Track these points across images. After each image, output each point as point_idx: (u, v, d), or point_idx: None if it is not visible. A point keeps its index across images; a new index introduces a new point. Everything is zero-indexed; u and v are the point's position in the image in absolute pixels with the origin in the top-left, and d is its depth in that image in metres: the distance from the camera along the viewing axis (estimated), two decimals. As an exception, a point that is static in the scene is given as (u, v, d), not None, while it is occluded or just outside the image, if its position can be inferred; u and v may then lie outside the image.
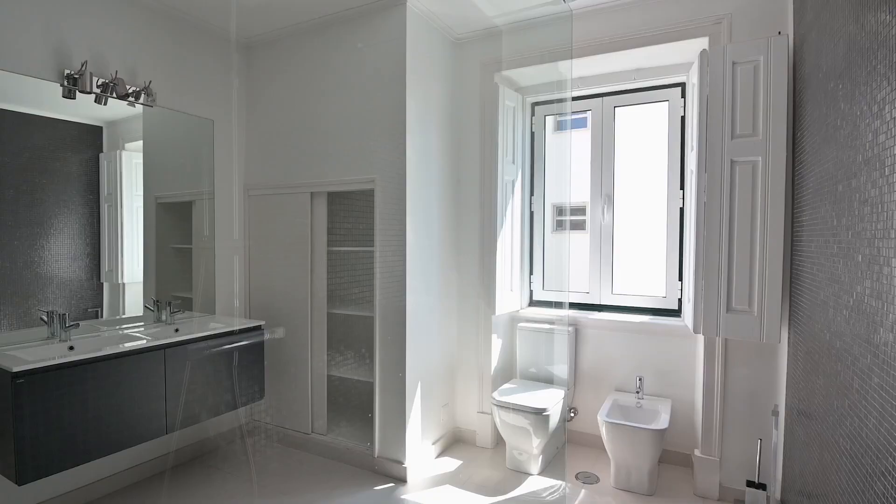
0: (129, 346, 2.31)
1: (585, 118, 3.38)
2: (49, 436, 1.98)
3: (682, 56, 2.87)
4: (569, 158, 3.44)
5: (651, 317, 3.08)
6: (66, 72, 2.43)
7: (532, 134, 3.48)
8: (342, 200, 3.47)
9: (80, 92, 2.47)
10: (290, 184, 3.19)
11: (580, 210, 3.47)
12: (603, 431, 2.64)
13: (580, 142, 3.42)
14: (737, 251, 2.39)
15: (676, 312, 3.07)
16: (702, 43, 2.66)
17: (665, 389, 2.99)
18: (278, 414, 3.29)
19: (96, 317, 2.61)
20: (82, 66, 2.45)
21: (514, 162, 3.27)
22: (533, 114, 3.47)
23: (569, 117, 3.36)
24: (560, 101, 3.28)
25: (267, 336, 3.05)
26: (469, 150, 3.28)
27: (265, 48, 3.29)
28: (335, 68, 3.00)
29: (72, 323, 2.39)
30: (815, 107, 1.95)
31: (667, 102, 3.10)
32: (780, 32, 2.38)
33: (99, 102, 2.57)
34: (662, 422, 2.60)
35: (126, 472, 2.73)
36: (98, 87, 2.53)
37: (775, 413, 2.31)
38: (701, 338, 2.68)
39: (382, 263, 2.88)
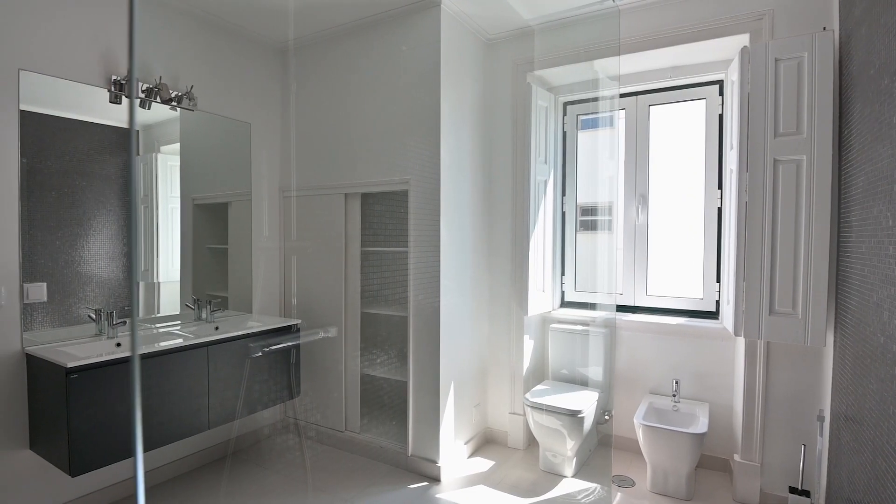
0: (174, 343, 2.37)
1: (611, 116, 3.34)
2: (99, 429, 2.05)
3: (720, 53, 2.82)
4: (601, 158, 3.40)
5: (687, 319, 3.03)
6: (114, 77, 2.52)
7: (564, 134, 3.45)
8: (376, 201, 3.50)
9: (125, 97, 2.55)
10: (324, 185, 3.24)
11: (608, 210, 3.42)
12: (639, 434, 2.61)
13: (606, 141, 3.38)
14: (780, 252, 2.33)
15: (714, 315, 3.01)
16: (742, 40, 2.61)
17: (702, 393, 2.94)
18: (313, 411, 3.34)
19: (130, 315, 2.68)
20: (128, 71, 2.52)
21: (546, 162, 3.26)
22: (565, 113, 3.45)
23: (609, 114, 3.30)
24: (595, 99, 3.25)
25: (321, 335, 3.11)
26: (501, 151, 3.29)
27: (300, 52, 3.35)
28: (369, 71, 3.04)
29: (119, 320, 2.47)
30: (865, 104, 1.90)
31: (704, 100, 3.04)
32: (824, 28, 2.32)
33: (143, 107, 2.66)
34: (701, 425, 2.56)
35: (167, 467, 2.80)
36: (142, 91, 2.61)
37: (820, 418, 2.25)
38: (741, 341, 2.63)
39: (416, 264, 2.90)
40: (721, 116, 2.99)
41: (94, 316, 2.46)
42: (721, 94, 2.99)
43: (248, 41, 3.22)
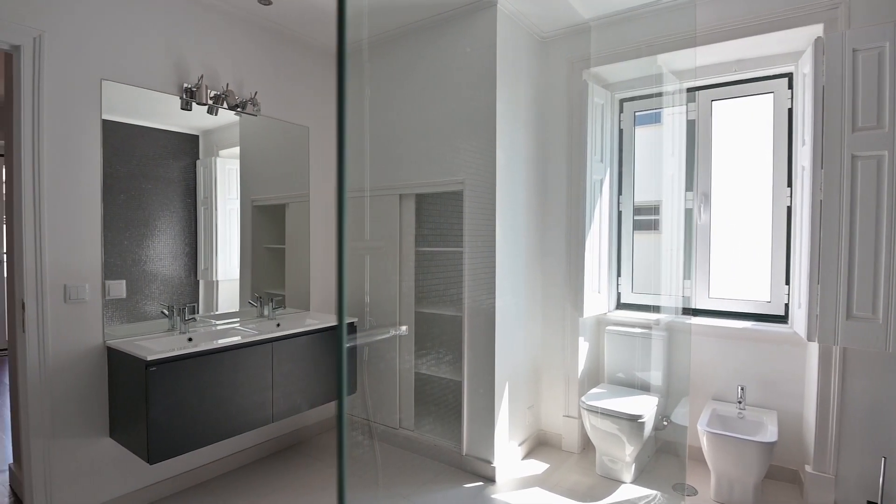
0: (242, 339, 2.46)
1: (672, 113, 3.23)
2: (175, 419, 2.16)
3: (790, 45, 2.69)
4: (659, 156, 3.31)
5: (753, 323, 2.90)
6: (185, 85, 2.64)
7: (620, 131, 3.38)
8: (430, 202, 3.53)
9: (196, 104, 2.68)
10: (379, 186, 3.29)
11: (666, 209, 3.32)
12: (703, 442, 2.52)
13: (666, 138, 3.28)
14: (858, 253, 2.21)
15: (783, 318, 2.87)
16: (815, 30, 2.49)
17: (769, 400, 2.81)
18: (367, 408, 3.41)
19: (194, 312, 2.79)
20: (199, 79, 2.65)
21: (601, 160, 3.20)
22: (621, 110, 3.37)
23: (670, 110, 3.20)
24: (655, 95, 3.16)
25: (392, 333, 3.17)
26: (555, 149, 3.25)
27: (354, 55, 3.42)
28: (424, 72, 3.07)
29: (190, 317, 2.59)
30: (960, 94, 1.77)
31: (771, 95, 2.91)
32: (909, 15, 2.18)
33: (211, 113, 2.78)
34: (770, 434, 2.45)
35: (232, 457, 2.92)
36: (210, 98, 2.73)
37: (905, 430, 2.11)
38: (814, 346, 2.50)
39: (471, 264, 2.90)
40: (791, 111, 2.85)
41: (166, 312, 2.59)
42: (791, 87, 2.85)
43: (307, 47, 3.31)
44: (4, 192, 2.57)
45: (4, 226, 2.75)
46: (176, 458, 2.52)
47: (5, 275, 5.49)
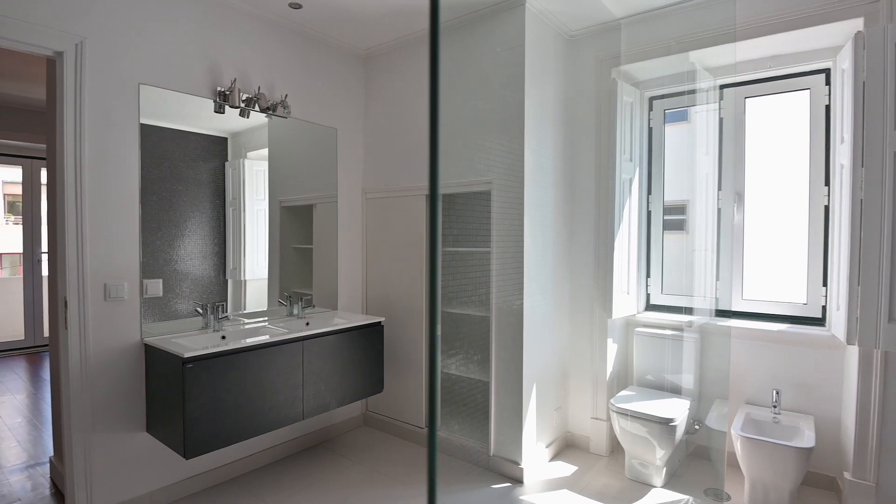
0: (272, 337, 2.50)
1: (705, 110, 3.17)
2: (210, 415, 2.21)
3: (828, 40, 2.62)
4: (690, 155, 3.25)
5: (789, 325, 2.83)
6: (218, 88, 2.70)
7: (650, 130, 3.33)
8: (457, 202, 3.53)
9: (229, 107, 2.73)
10: (405, 186, 3.31)
11: (697, 208, 3.26)
12: (737, 447, 2.47)
13: (698, 136, 3.21)
14: (902, 254, 2.13)
15: (820, 321, 2.79)
16: (855, 24, 2.41)
17: (805, 404, 2.74)
18: (394, 407, 3.43)
19: (223, 310, 2.84)
20: (232, 82, 2.70)
21: (631, 160, 3.16)
22: (651, 109, 3.33)
23: (703, 108, 3.13)
24: (687, 93, 3.11)
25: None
26: (583, 149, 3.22)
27: (382, 57, 3.45)
28: (451, 73, 3.07)
29: (223, 315, 2.64)
30: None
31: (808, 91, 2.84)
32: (958, 6, 2.10)
33: (243, 116, 2.83)
34: (808, 440, 2.38)
35: (262, 453, 2.97)
36: (242, 101, 2.78)
37: (953, 438, 2.03)
38: (854, 350, 2.43)
39: (499, 264, 2.90)
40: (828, 108, 2.77)
41: (200, 310, 2.65)
42: (828, 83, 2.77)
43: (335, 49, 3.35)
44: (46, 194, 2.66)
45: (46, 227, 2.85)
46: (209, 453, 2.58)
47: (43, 273, 5.70)
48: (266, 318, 2.98)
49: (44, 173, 5.76)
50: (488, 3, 2.81)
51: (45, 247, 5.75)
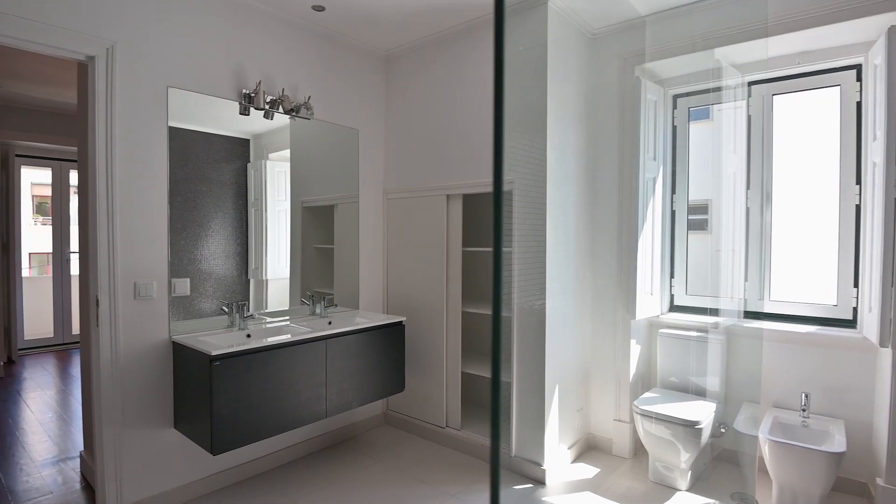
0: (296, 336, 2.53)
1: (732, 108, 3.11)
2: (237, 412, 2.24)
3: (859, 35, 2.55)
4: (716, 153, 3.19)
5: (818, 327, 2.77)
6: (243, 91, 2.74)
7: (674, 128, 3.29)
8: (477, 202, 3.53)
9: (254, 109, 2.77)
10: (426, 187, 3.32)
11: (723, 208, 3.20)
12: (765, 450, 2.43)
13: (725, 135, 3.16)
14: (939, 254, 2.07)
15: (851, 323, 2.73)
16: (888, 18, 2.35)
17: (835, 408, 2.68)
18: (415, 406, 3.44)
19: (247, 309, 2.86)
20: (257, 85, 2.74)
21: (654, 158, 3.12)
22: (675, 107, 3.28)
23: (730, 105, 3.07)
24: (714, 90, 3.05)
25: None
26: (606, 148, 3.19)
27: (403, 58, 3.46)
28: (472, 72, 3.07)
29: (248, 314, 2.68)
30: None
31: (838, 87, 2.77)
32: None
33: (267, 117, 2.86)
34: (839, 444, 2.33)
35: (286, 450, 3.00)
36: (266, 103, 2.81)
37: None
38: (887, 352, 2.36)
39: (520, 264, 2.89)
40: (859, 104, 2.70)
41: (226, 309, 2.69)
42: (859, 79, 2.71)
43: (357, 50, 3.37)
44: (78, 195, 2.73)
45: (78, 227, 2.92)
46: (235, 450, 2.62)
47: (72, 272, 5.84)
48: (288, 318, 3.01)
49: (73, 175, 5.90)
50: (511, 1, 2.80)
51: (74, 247, 5.89)
